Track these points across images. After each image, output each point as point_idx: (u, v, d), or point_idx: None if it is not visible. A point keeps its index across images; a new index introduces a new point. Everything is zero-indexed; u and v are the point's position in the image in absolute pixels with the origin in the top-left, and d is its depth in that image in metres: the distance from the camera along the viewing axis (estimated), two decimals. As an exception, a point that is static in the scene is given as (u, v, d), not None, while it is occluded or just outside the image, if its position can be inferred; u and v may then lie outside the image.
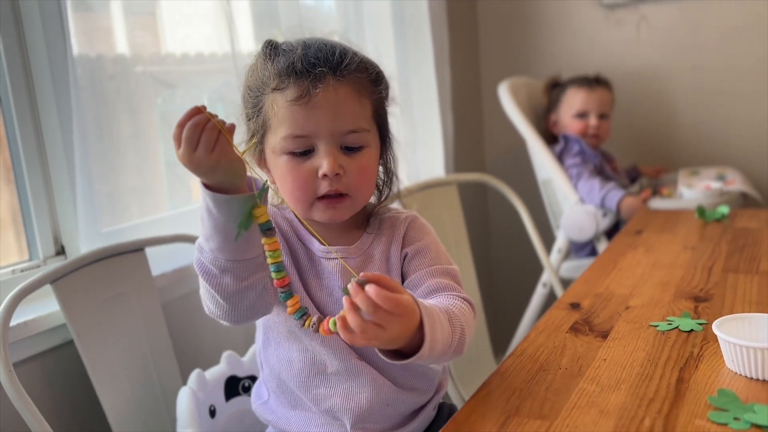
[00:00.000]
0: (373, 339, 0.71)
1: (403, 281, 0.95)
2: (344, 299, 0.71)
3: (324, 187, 0.88)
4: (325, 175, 0.86)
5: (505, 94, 2.17)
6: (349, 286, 0.71)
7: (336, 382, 0.92)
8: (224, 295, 0.82)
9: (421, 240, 0.96)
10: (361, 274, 0.71)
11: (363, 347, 0.91)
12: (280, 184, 0.91)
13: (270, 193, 0.98)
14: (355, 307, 0.70)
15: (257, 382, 1.04)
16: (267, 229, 0.77)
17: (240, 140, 0.94)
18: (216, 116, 0.75)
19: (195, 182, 1.64)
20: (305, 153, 0.88)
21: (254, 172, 0.83)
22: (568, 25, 2.50)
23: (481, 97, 2.66)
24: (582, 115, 2.15)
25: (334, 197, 0.89)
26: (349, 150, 0.89)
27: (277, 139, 0.88)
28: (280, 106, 0.87)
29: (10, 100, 1.18)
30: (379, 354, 0.79)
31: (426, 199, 1.68)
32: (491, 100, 2.47)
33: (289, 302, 0.80)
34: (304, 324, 0.80)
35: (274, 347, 0.95)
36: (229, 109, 1.63)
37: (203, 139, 0.73)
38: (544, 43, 2.55)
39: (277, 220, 0.94)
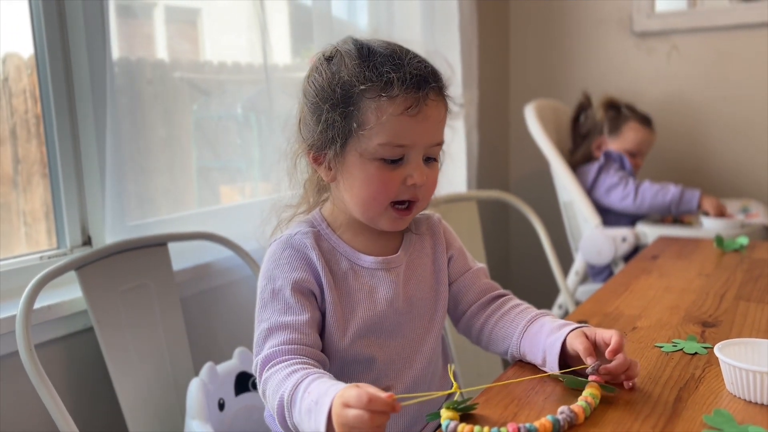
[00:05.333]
0: None
1: (449, 279, 1.03)
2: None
3: (406, 194, 0.91)
4: (413, 184, 0.90)
5: (531, 116, 2.19)
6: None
7: None
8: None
9: (455, 241, 1.05)
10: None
11: (394, 372, 0.95)
12: (359, 188, 0.90)
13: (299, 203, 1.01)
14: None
15: None
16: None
17: (258, 132, 0.96)
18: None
19: (223, 187, 1.71)
20: (395, 161, 0.89)
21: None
22: (599, 51, 2.52)
23: (508, 118, 2.68)
24: (633, 154, 2.18)
25: (406, 208, 0.92)
26: (427, 160, 0.92)
27: (373, 144, 0.88)
28: (387, 112, 0.87)
29: (50, 97, 1.24)
30: None
31: (445, 214, 1.70)
32: (518, 120, 2.49)
33: None
34: None
35: None
36: (262, 119, 1.68)
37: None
38: (574, 67, 2.57)
39: (318, 241, 0.94)
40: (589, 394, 0.81)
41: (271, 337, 0.88)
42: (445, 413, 0.78)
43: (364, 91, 0.88)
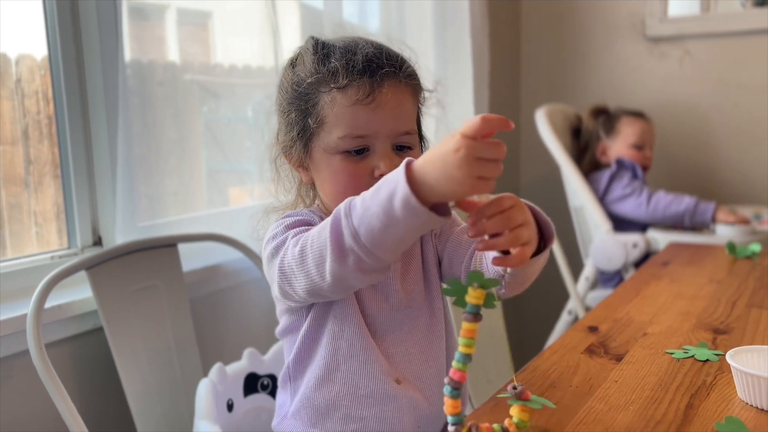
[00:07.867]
0: (528, 241, 0.77)
1: (438, 249, 0.97)
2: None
3: None
4: (381, 176, 0.84)
5: (542, 120, 2.19)
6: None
7: (368, 405, 0.91)
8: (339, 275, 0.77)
9: None
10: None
11: (402, 369, 0.92)
12: (329, 184, 0.90)
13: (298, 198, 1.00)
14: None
15: (281, 401, 1.01)
16: (476, 313, 0.68)
17: (269, 134, 0.95)
18: None
19: (233, 189, 1.71)
20: (360, 152, 0.87)
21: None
22: (611, 55, 2.51)
23: (519, 122, 2.67)
24: (639, 146, 2.18)
25: None
26: (399, 150, 0.89)
27: (332, 138, 0.87)
28: (340, 104, 0.86)
29: (63, 98, 1.24)
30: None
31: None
32: (529, 125, 2.49)
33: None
34: None
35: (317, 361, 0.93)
36: (273, 121, 1.67)
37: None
38: (586, 72, 2.56)
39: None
40: (517, 420, 0.76)
41: (293, 229, 0.84)
42: (472, 293, 0.67)
43: (316, 85, 0.87)
